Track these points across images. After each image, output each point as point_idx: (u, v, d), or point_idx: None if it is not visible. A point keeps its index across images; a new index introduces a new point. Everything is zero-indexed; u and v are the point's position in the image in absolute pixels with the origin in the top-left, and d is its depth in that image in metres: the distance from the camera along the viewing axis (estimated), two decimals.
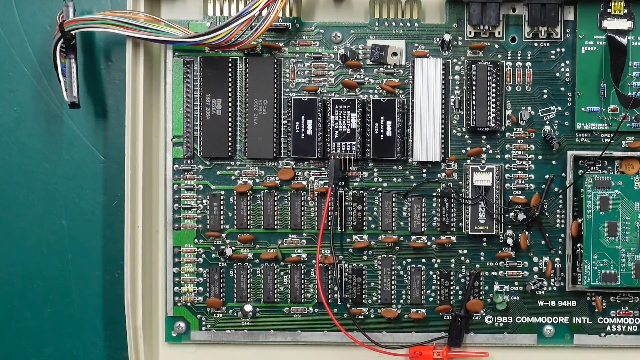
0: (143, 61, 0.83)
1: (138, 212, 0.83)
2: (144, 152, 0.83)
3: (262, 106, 0.85)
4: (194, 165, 0.86)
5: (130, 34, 0.81)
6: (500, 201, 0.85)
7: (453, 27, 0.85)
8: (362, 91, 0.85)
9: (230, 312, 0.86)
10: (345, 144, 0.85)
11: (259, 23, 0.80)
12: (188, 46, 0.84)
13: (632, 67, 0.84)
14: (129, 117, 0.82)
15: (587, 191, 0.84)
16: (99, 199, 0.88)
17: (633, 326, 0.86)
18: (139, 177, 0.83)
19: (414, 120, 0.84)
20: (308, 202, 0.86)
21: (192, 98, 0.85)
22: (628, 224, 0.84)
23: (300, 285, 0.86)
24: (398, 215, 0.86)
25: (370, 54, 0.85)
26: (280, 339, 0.86)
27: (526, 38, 0.85)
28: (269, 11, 0.80)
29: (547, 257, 0.86)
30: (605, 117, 0.85)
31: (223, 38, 0.80)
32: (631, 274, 0.84)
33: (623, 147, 0.85)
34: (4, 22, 0.87)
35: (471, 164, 0.85)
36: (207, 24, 0.85)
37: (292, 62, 0.86)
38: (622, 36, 0.84)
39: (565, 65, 0.85)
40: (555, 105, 0.85)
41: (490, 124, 0.84)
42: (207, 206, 0.86)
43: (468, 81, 0.85)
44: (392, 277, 0.86)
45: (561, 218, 0.86)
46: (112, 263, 0.88)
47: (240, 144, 0.86)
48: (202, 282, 0.86)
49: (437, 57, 0.85)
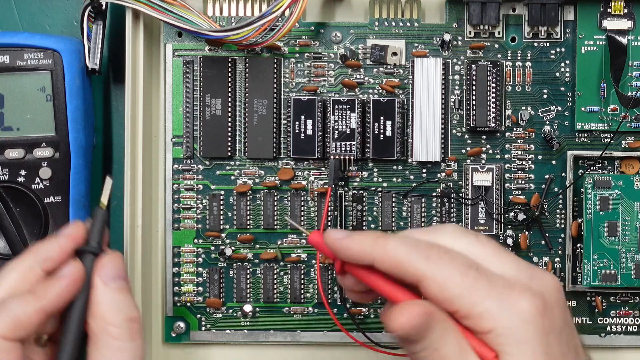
0: (143, 61, 0.83)
1: (137, 212, 0.83)
2: (143, 152, 0.83)
3: (262, 106, 0.85)
4: (193, 165, 0.86)
5: (160, 16, 0.80)
6: (500, 201, 0.85)
7: (453, 27, 0.85)
8: (362, 91, 0.85)
9: (230, 312, 0.86)
10: (345, 144, 0.85)
11: (282, 23, 0.80)
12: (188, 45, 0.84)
13: (632, 67, 0.84)
14: (129, 117, 0.82)
15: (587, 191, 0.84)
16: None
17: (633, 326, 0.86)
18: (138, 177, 0.83)
19: (413, 120, 0.84)
20: (308, 202, 0.86)
21: (191, 98, 0.85)
22: (628, 224, 0.84)
23: (300, 285, 0.86)
24: (398, 215, 0.86)
25: (370, 54, 0.85)
26: (280, 339, 0.86)
27: (526, 38, 0.85)
28: (292, 11, 0.80)
29: (547, 257, 0.86)
30: (605, 117, 0.85)
31: (245, 36, 0.80)
32: (631, 274, 0.84)
33: (623, 147, 0.85)
34: (4, 22, 0.87)
35: (471, 164, 0.85)
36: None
37: (292, 62, 0.86)
38: (622, 36, 0.84)
39: (565, 65, 0.85)
40: (555, 105, 0.85)
41: (490, 124, 0.84)
42: (206, 206, 0.86)
43: (468, 81, 0.85)
44: None
45: (561, 218, 0.85)
46: None
47: (240, 144, 0.86)
48: (201, 282, 0.86)
49: (437, 57, 0.85)
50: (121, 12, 0.83)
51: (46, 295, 0.68)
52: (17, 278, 0.69)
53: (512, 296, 0.64)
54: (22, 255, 0.71)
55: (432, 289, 0.65)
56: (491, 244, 0.68)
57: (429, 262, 0.65)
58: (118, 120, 0.88)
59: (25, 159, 0.82)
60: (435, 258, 0.65)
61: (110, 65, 0.87)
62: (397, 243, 0.66)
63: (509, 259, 0.67)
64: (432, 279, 0.65)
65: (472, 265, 0.65)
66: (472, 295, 0.64)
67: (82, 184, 0.83)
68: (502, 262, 0.67)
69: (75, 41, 0.83)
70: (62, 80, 0.82)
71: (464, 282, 0.65)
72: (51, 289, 0.69)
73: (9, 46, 0.82)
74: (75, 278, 0.69)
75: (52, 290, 0.69)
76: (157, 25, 0.86)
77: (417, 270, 0.65)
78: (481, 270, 0.65)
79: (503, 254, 0.67)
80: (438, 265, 0.65)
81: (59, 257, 0.70)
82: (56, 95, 0.82)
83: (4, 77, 0.82)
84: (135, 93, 0.83)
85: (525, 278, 0.66)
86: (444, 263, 0.65)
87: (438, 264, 0.65)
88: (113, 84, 0.88)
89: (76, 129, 0.82)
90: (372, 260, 0.66)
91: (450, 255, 0.66)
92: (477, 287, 0.64)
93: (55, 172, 0.82)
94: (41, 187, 0.82)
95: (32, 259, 0.70)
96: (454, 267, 0.65)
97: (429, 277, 0.65)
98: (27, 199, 0.82)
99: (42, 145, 0.82)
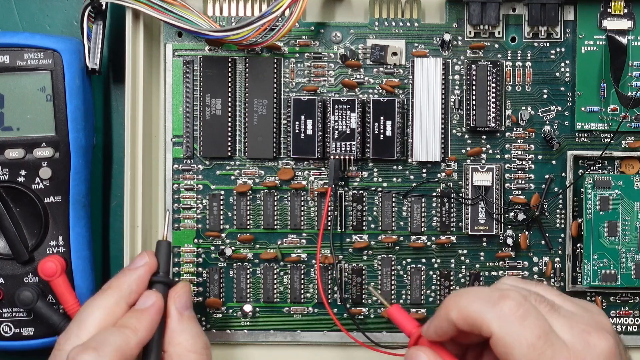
0: (143, 61, 0.83)
1: (137, 212, 0.83)
2: (143, 151, 0.83)
3: (262, 106, 0.85)
4: (193, 165, 0.86)
5: (160, 16, 0.80)
6: (500, 201, 0.85)
7: (453, 27, 0.85)
8: (362, 91, 0.85)
9: (230, 312, 0.86)
10: (345, 144, 0.85)
11: (282, 23, 0.80)
12: (188, 45, 0.84)
13: (632, 67, 0.84)
14: (129, 117, 0.82)
15: (587, 191, 0.84)
16: (99, 198, 0.88)
17: (633, 326, 0.86)
18: (138, 177, 0.83)
19: (413, 120, 0.84)
20: (308, 202, 0.86)
21: (191, 98, 0.85)
22: (628, 224, 0.84)
23: (300, 285, 0.86)
24: (398, 215, 0.86)
25: (370, 54, 0.85)
26: (280, 339, 0.86)
27: (526, 38, 0.85)
28: (292, 11, 0.80)
29: (547, 257, 0.86)
30: (605, 117, 0.85)
31: (245, 36, 0.80)
32: (631, 274, 0.84)
33: (623, 147, 0.85)
34: (4, 22, 0.87)
35: (471, 164, 0.85)
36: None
37: (292, 62, 0.86)
38: (622, 36, 0.84)
39: (565, 65, 0.85)
40: (555, 105, 0.85)
41: (490, 124, 0.84)
42: (206, 206, 0.86)
43: (468, 81, 0.85)
44: (392, 277, 0.86)
45: (561, 218, 0.85)
46: (112, 263, 0.88)
47: (240, 144, 0.86)
48: (201, 282, 0.86)
49: (437, 57, 0.85)
50: (121, 12, 0.83)
51: (140, 328, 0.73)
52: (103, 315, 0.74)
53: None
54: (103, 292, 0.75)
55: (498, 349, 0.66)
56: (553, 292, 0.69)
57: (500, 320, 0.66)
58: (118, 120, 0.88)
59: (25, 159, 0.82)
60: (507, 312, 0.66)
61: (110, 65, 0.87)
62: (468, 300, 0.67)
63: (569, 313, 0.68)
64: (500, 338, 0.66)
65: (542, 334, 0.65)
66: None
67: (82, 184, 0.83)
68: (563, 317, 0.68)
69: (75, 41, 0.83)
70: (62, 80, 0.82)
71: (529, 352, 0.65)
72: (143, 322, 0.73)
73: (9, 46, 0.82)
74: (159, 309, 0.75)
75: (144, 322, 0.73)
76: (157, 25, 0.86)
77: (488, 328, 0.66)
78: (549, 340, 0.66)
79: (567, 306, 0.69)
80: (509, 323, 0.65)
81: (140, 289, 0.76)
82: (56, 95, 0.82)
83: (4, 77, 0.82)
84: (135, 93, 0.83)
85: (580, 345, 0.66)
86: (516, 321, 0.66)
87: (509, 320, 0.65)
88: (113, 84, 0.88)
89: (76, 129, 0.82)
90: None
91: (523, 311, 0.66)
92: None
93: (55, 172, 0.82)
94: (41, 187, 0.82)
95: (117, 295, 0.75)
96: (524, 330, 0.65)
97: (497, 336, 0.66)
98: (27, 199, 0.82)
99: (42, 145, 0.82)
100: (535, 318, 0.66)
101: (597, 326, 0.67)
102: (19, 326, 0.84)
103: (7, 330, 0.84)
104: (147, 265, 0.77)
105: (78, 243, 0.83)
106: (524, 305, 0.66)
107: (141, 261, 0.77)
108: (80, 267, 0.83)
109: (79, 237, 0.83)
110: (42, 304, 0.82)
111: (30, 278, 0.83)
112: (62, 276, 0.81)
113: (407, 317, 0.73)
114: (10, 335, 0.84)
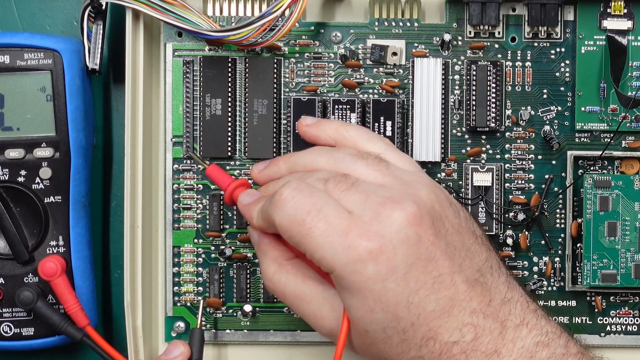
0: (143, 61, 0.83)
1: (138, 212, 0.83)
2: (143, 151, 0.83)
3: (262, 106, 0.85)
4: (193, 165, 0.86)
5: (160, 16, 0.80)
6: (500, 201, 0.85)
7: (453, 27, 0.85)
8: (362, 91, 0.85)
9: (230, 312, 0.86)
10: None
11: (282, 23, 0.80)
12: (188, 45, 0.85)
13: (632, 67, 0.84)
14: (129, 117, 0.82)
15: (587, 191, 0.84)
16: (99, 198, 0.88)
17: (633, 326, 0.86)
18: (138, 177, 0.83)
19: (413, 120, 0.84)
20: None
21: (191, 98, 0.85)
22: (628, 224, 0.84)
23: None
24: None
25: (370, 54, 0.85)
26: (280, 339, 0.86)
27: (526, 38, 0.85)
28: (292, 11, 0.80)
29: (547, 257, 0.86)
30: (605, 117, 0.85)
31: (245, 36, 0.80)
32: (631, 274, 0.84)
33: (623, 147, 0.85)
34: (4, 22, 0.87)
35: (471, 164, 0.85)
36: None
37: (292, 62, 0.86)
38: (622, 36, 0.84)
39: (565, 65, 0.85)
40: (555, 105, 0.85)
41: (490, 124, 0.84)
42: (206, 206, 0.86)
43: (468, 81, 0.85)
44: None
45: (561, 218, 0.86)
46: (112, 263, 0.88)
47: (240, 144, 0.86)
48: (201, 282, 0.86)
49: (437, 57, 0.85)
50: (121, 12, 0.83)
51: None
52: None
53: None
54: None
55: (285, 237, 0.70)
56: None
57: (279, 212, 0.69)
58: (118, 120, 0.88)
59: (25, 159, 0.82)
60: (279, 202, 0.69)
61: (110, 65, 0.87)
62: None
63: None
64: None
65: (313, 209, 0.67)
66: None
67: (82, 184, 0.83)
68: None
69: (75, 41, 0.83)
70: (62, 80, 0.82)
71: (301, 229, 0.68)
72: None
73: (9, 46, 0.82)
74: None
75: None
76: (157, 25, 0.86)
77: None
78: (321, 213, 0.68)
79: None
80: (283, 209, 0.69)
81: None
82: (56, 95, 0.82)
83: (4, 77, 0.82)
84: (135, 93, 0.83)
85: (368, 216, 0.67)
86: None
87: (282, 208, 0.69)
88: (113, 84, 0.88)
89: (76, 129, 0.82)
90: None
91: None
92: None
93: (55, 172, 0.82)
94: (41, 187, 0.82)
95: None
96: (290, 210, 0.69)
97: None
98: (27, 199, 0.82)
99: (42, 145, 0.82)
100: (307, 196, 0.68)
101: (402, 198, 0.67)
102: (19, 326, 0.84)
103: (7, 330, 0.84)
104: (182, 355, 0.80)
105: (78, 243, 0.83)
106: (295, 189, 0.68)
107: (177, 351, 0.80)
108: (80, 267, 0.83)
109: (79, 237, 0.83)
110: (42, 304, 0.82)
111: (30, 278, 0.83)
112: (62, 276, 0.81)
113: (224, 174, 0.78)
114: (10, 335, 0.84)
